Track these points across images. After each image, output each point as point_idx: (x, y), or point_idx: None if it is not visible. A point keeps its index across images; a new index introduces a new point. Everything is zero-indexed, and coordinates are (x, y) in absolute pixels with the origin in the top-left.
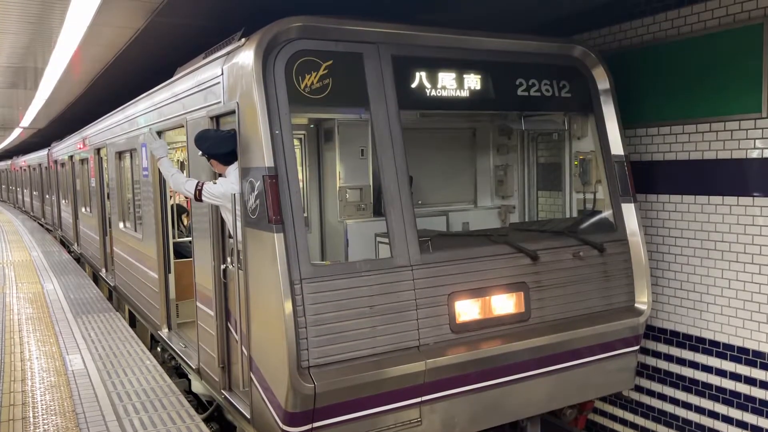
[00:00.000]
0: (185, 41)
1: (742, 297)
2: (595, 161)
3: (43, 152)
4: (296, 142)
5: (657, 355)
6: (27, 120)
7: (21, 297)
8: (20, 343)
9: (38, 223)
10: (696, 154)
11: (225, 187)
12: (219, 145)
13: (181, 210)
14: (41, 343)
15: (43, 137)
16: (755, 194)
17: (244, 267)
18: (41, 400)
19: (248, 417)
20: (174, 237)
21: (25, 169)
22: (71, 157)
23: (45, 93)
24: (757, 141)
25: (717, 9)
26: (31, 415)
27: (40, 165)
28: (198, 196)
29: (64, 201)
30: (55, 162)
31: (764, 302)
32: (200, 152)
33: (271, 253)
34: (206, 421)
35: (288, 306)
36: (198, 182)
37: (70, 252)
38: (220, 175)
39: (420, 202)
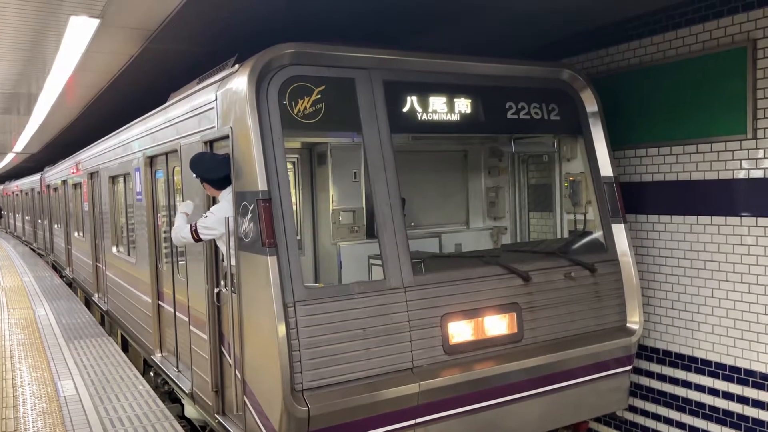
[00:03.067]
0: (179, 67)
1: (733, 316)
2: (585, 182)
3: (36, 177)
4: (289, 166)
5: (650, 374)
6: (20, 145)
7: (12, 322)
8: (12, 369)
9: (30, 247)
10: (684, 175)
11: (217, 214)
12: (213, 170)
13: None
14: (33, 368)
15: (35, 162)
16: (742, 214)
17: (237, 290)
18: (33, 427)
19: None
20: None
21: (17, 194)
22: (64, 181)
23: (38, 118)
24: (742, 162)
25: (701, 33)
26: None
27: (32, 190)
28: (196, 237)
29: (56, 225)
30: (48, 187)
31: (754, 321)
32: (194, 175)
33: (264, 276)
34: None
35: (281, 329)
36: (190, 225)
37: (62, 276)
38: (213, 200)
39: (413, 224)
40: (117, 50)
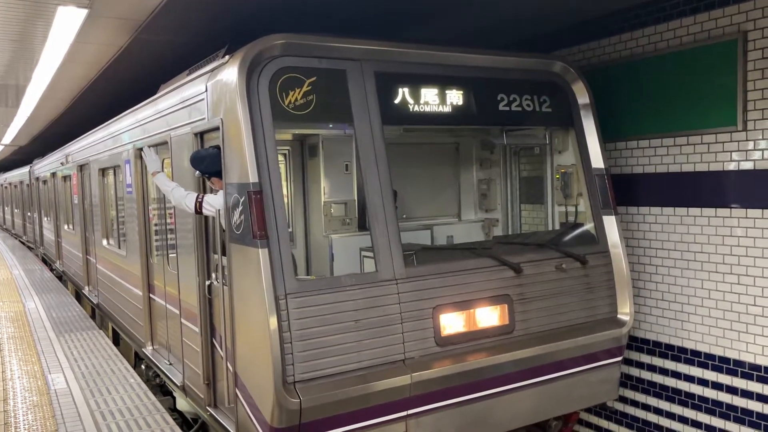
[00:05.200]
0: (169, 58)
1: (722, 307)
2: (577, 175)
3: (25, 169)
4: (280, 158)
5: (640, 365)
6: (8, 137)
7: (2, 316)
8: (1, 362)
9: (19, 240)
10: (674, 167)
11: (223, 199)
12: (216, 162)
13: None
14: (23, 362)
15: (24, 154)
16: (732, 206)
17: (228, 283)
18: (23, 420)
19: None
20: None
21: (6, 187)
22: (53, 174)
23: (27, 110)
24: (733, 153)
25: (692, 25)
26: None
27: (21, 182)
28: (198, 209)
29: (46, 218)
30: (37, 179)
31: (743, 312)
32: (197, 173)
33: (255, 268)
34: None
35: (273, 321)
36: (198, 195)
37: (52, 270)
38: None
39: (404, 216)
40: (106, 41)
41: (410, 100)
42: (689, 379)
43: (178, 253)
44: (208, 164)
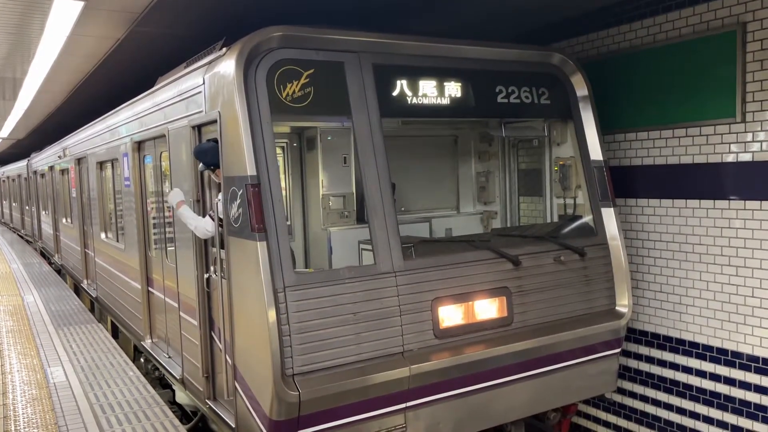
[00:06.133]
0: (166, 51)
1: (720, 299)
2: (575, 167)
3: (23, 163)
4: (279, 151)
5: (638, 357)
6: (5, 131)
7: (1, 309)
8: (0, 356)
9: (18, 234)
10: (673, 159)
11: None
12: (218, 155)
13: None
14: (22, 356)
15: (22, 148)
16: (731, 197)
17: (227, 276)
18: (23, 414)
19: (233, 426)
20: None
21: (3, 181)
22: (51, 167)
23: (24, 103)
24: (731, 145)
25: (691, 17)
26: (12, 428)
27: (19, 176)
28: (219, 224)
29: (44, 212)
30: (35, 172)
31: (741, 303)
32: (201, 165)
33: (254, 261)
34: (191, 431)
35: (272, 314)
36: (208, 215)
37: (50, 263)
38: (205, 184)
39: (403, 208)
40: (102, 34)
41: (408, 93)
42: (687, 370)
43: (176, 246)
44: (211, 156)
